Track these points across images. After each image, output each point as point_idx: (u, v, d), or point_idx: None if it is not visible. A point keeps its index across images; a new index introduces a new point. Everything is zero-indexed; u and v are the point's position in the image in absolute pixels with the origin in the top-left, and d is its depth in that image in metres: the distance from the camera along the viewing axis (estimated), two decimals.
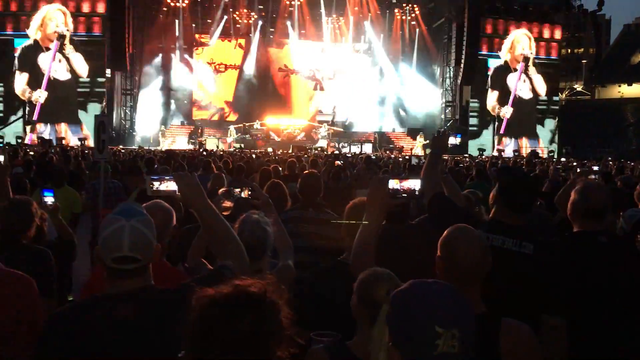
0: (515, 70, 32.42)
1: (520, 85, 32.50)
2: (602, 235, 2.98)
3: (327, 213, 4.46)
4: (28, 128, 28.26)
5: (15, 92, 28.35)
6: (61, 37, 28.32)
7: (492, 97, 32.32)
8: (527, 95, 32.84)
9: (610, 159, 20.34)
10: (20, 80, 28.44)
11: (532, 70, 32.71)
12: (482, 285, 2.24)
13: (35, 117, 28.20)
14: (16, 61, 28.27)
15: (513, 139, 32.71)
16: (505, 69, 32.41)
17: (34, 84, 28.34)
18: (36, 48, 28.43)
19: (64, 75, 28.71)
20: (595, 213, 3.01)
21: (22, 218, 3.51)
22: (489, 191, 3.09)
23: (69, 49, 28.61)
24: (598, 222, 3.01)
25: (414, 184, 2.88)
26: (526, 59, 32.29)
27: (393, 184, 2.90)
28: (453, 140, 28.74)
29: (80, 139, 27.01)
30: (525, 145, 32.15)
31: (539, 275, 2.68)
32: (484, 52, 32.40)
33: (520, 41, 32.42)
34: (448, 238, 2.28)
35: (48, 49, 28.52)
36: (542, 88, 33.07)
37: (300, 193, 4.64)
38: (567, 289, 2.70)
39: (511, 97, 32.33)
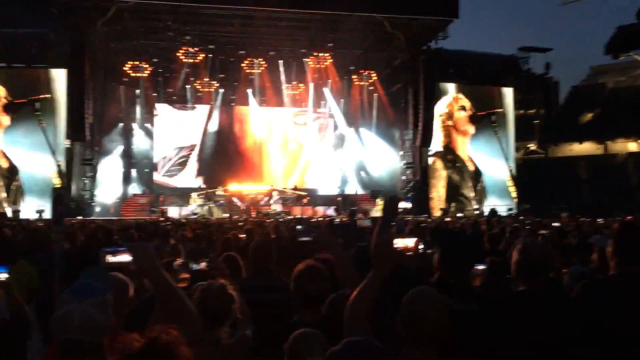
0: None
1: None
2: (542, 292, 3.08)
3: (276, 279, 4.52)
4: None
5: None
6: None
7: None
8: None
9: (565, 215, 20.93)
10: None
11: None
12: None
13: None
14: None
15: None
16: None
17: None
18: None
19: None
20: (535, 269, 3.11)
21: None
22: None
23: None
24: (539, 278, 3.10)
25: (410, 242, 3.02)
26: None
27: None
28: (404, 205, 29.18)
29: (38, 211, 26.45)
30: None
31: (480, 334, 2.79)
32: None
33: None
34: (408, 299, 2.41)
35: None
36: None
37: (252, 260, 4.68)
38: (504, 349, 2.80)
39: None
